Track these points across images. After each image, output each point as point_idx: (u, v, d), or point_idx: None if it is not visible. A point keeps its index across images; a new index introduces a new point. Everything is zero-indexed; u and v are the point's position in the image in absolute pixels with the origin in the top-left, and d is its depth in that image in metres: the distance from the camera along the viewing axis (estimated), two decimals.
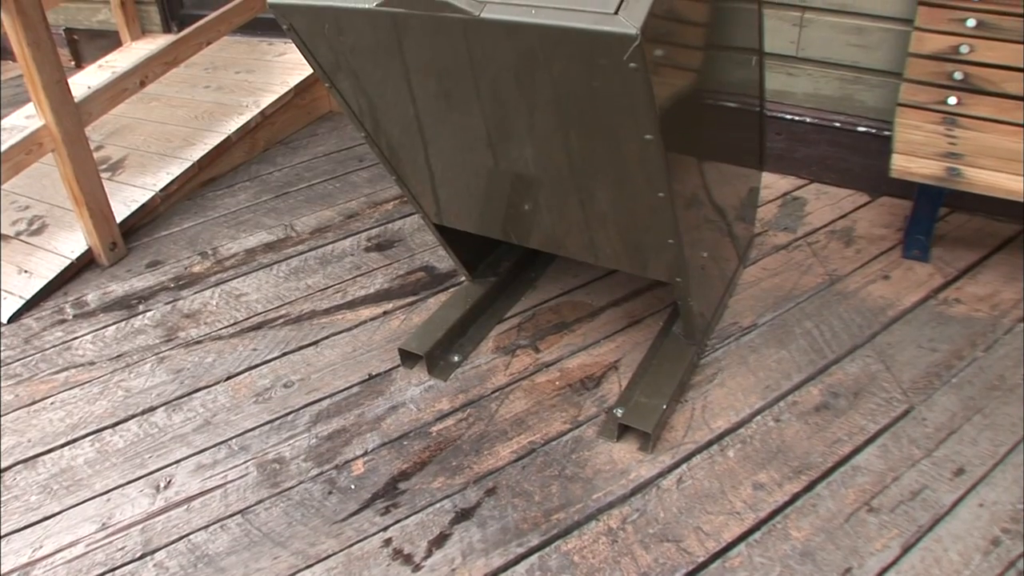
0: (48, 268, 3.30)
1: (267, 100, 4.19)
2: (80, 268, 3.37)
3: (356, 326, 2.92)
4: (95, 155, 3.86)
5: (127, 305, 3.14)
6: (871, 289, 2.93)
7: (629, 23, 1.48)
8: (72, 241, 3.42)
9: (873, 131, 3.47)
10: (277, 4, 1.94)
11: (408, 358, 2.70)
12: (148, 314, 3.08)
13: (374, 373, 2.70)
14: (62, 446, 2.53)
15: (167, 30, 5.28)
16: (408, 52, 1.88)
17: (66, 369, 2.84)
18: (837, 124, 3.55)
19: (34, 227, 3.54)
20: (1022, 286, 2.92)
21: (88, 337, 2.99)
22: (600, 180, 2.03)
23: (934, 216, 3.06)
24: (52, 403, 2.70)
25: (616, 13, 1.50)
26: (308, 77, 4.27)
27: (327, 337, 2.88)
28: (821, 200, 3.51)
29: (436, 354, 2.68)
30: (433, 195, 2.50)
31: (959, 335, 2.71)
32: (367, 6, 1.77)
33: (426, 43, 1.83)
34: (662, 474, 2.30)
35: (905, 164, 2.80)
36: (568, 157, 1.99)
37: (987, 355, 2.62)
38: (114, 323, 3.05)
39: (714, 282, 2.70)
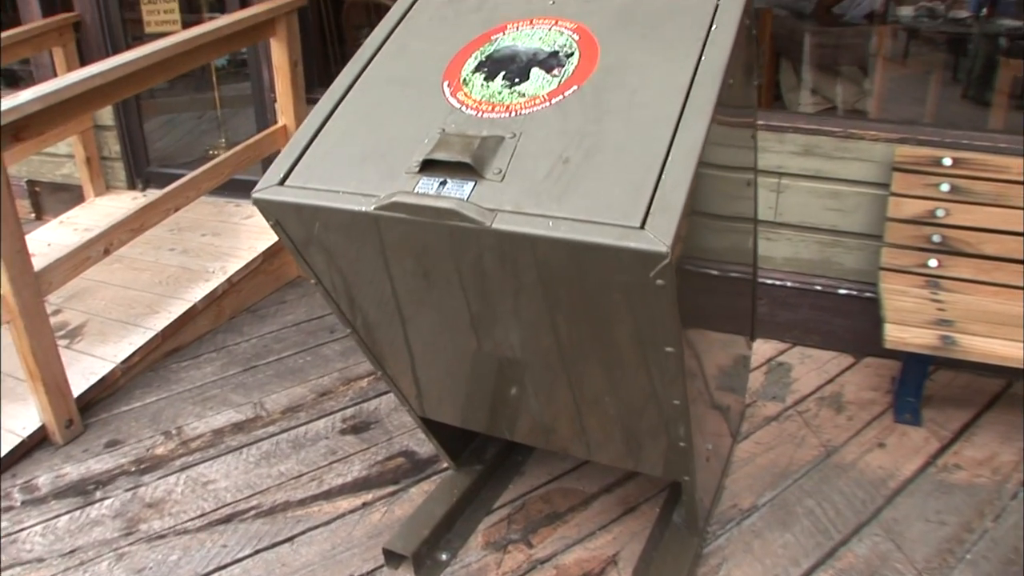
0: None
1: (234, 266, 4.08)
2: (32, 447, 3.15)
3: (334, 519, 2.72)
4: (53, 319, 3.71)
5: (83, 491, 2.92)
6: (869, 459, 2.88)
7: (658, 239, 1.39)
8: (24, 416, 3.21)
9: (854, 293, 3.51)
10: (264, 200, 1.83)
11: (393, 558, 2.51)
12: (106, 502, 2.86)
13: (356, 574, 2.50)
14: None
15: (132, 187, 5.21)
16: (385, 232, 1.78)
17: (10, 567, 2.59)
18: (818, 287, 3.57)
19: None
20: (1020, 447, 2.91)
21: (38, 528, 2.75)
22: (603, 383, 1.92)
23: (923, 379, 3.08)
24: None
25: (642, 227, 1.41)
26: (277, 243, 4.18)
27: (303, 532, 2.67)
28: (806, 364, 3.49)
29: (423, 553, 2.49)
30: (413, 378, 2.36)
31: (965, 505, 2.66)
32: (365, 209, 1.68)
33: (404, 226, 1.74)
34: None
35: (898, 334, 2.81)
36: (558, 346, 1.88)
37: (997, 525, 2.57)
38: (67, 512, 2.82)
39: (713, 467, 2.59)
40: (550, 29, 1.90)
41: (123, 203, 4.98)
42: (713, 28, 1.76)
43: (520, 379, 2.09)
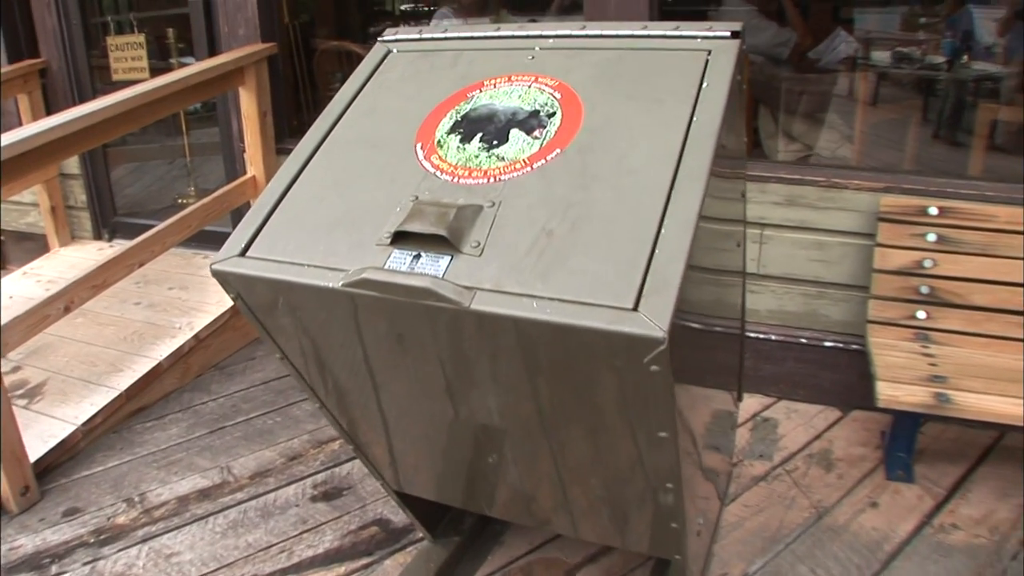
0: None
1: (202, 322, 3.95)
2: None
3: None
4: (11, 377, 3.60)
5: (37, 565, 2.75)
6: (862, 520, 2.79)
7: (653, 323, 1.27)
8: None
9: (840, 345, 3.44)
10: (224, 272, 1.71)
11: None
12: None
13: None
14: None
15: (98, 237, 5.10)
16: (355, 301, 1.66)
17: None
18: (803, 340, 3.50)
19: None
20: (1017, 503, 2.84)
21: None
22: (588, 462, 1.80)
23: (915, 434, 3.01)
24: None
25: (635, 309, 1.30)
26: None
27: None
28: (792, 420, 3.41)
29: None
30: (387, 448, 2.23)
31: (965, 568, 2.57)
32: (332, 285, 1.56)
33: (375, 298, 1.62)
34: None
35: (891, 392, 2.72)
36: (540, 419, 1.76)
37: None
38: None
39: (704, 538, 2.47)
40: (530, 86, 1.81)
41: (89, 254, 4.87)
42: (704, 85, 1.67)
43: (499, 450, 1.97)
